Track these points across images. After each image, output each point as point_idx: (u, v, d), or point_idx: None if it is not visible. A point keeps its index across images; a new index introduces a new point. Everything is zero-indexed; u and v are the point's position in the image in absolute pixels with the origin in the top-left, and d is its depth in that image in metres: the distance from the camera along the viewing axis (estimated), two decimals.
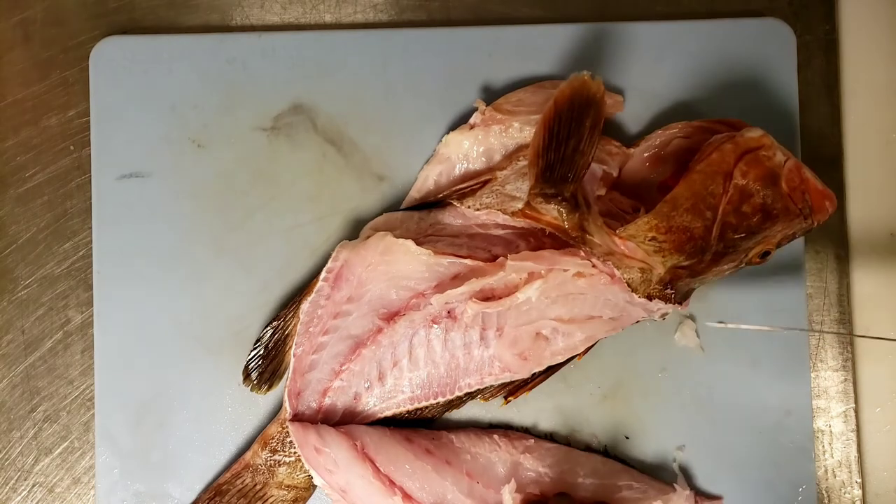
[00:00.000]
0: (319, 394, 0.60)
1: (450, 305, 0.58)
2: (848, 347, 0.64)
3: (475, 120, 0.61)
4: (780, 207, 0.52)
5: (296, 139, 0.64)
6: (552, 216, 0.53)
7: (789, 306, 0.62)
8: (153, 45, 0.64)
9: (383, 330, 0.59)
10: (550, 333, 0.58)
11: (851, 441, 0.64)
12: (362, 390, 0.60)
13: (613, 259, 0.55)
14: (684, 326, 0.62)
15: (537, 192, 0.53)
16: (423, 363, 0.59)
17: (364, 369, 0.60)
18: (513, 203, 0.59)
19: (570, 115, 0.52)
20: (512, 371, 0.59)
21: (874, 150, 0.65)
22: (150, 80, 0.64)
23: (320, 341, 0.60)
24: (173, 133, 0.64)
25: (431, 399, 0.60)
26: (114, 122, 0.64)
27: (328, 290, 0.59)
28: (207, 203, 0.64)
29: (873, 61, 0.65)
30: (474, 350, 0.59)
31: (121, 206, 0.63)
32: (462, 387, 0.59)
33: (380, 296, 0.59)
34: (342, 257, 0.59)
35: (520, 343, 0.58)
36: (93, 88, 0.64)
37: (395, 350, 0.59)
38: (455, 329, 0.58)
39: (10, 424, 0.65)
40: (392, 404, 0.60)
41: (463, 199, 0.60)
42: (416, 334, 0.59)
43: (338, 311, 0.59)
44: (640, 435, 0.62)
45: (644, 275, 0.55)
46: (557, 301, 0.57)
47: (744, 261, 0.55)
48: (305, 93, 0.64)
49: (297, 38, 0.64)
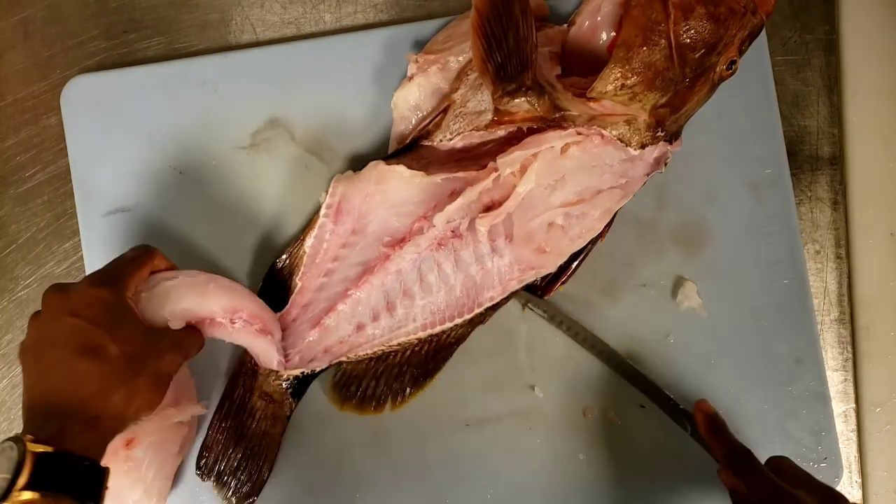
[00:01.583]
0: (321, 312, 0.59)
1: (453, 224, 0.57)
2: (848, 347, 0.64)
3: (412, 71, 0.61)
4: (725, 10, 0.52)
5: (276, 153, 0.64)
6: (524, 110, 0.54)
7: (785, 256, 0.62)
8: (122, 79, 0.64)
9: (390, 257, 0.58)
10: (564, 220, 0.58)
11: (851, 441, 0.64)
12: (367, 321, 0.59)
13: (597, 123, 0.55)
14: (685, 288, 0.62)
15: (500, 93, 0.54)
16: (435, 288, 0.59)
17: (370, 298, 0.59)
18: (481, 118, 0.58)
19: (497, 11, 0.52)
20: (535, 268, 0.59)
21: (874, 150, 0.65)
22: (123, 113, 0.64)
23: (328, 267, 0.59)
24: (153, 163, 0.64)
25: (448, 322, 0.59)
26: (93, 160, 0.64)
27: (331, 226, 0.59)
28: (196, 228, 0.63)
29: (873, 61, 0.65)
30: (488, 263, 0.58)
31: (110, 241, 0.63)
32: (483, 302, 0.59)
33: (382, 225, 0.59)
34: (339, 192, 0.59)
35: (535, 238, 0.57)
36: (67, 130, 0.64)
37: (404, 279, 0.59)
38: (463, 248, 0.58)
39: (10, 424, 0.65)
40: (401, 333, 0.59)
41: (432, 136, 0.60)
42: (425, 261, 0.59)
43: (344, 242, 0.59)
44: (654, 402, 0.62)
45: (631, 126, 0.55)
46: (558, 186, 0.57)
47: (715, 78, 0.55)
48: (279, 106, 0.64)
49: (264, 54, 0.65)
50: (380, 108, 0.63)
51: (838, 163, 0.65)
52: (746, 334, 0.62)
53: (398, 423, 0.62)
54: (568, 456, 0.62)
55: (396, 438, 0.62)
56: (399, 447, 0.62)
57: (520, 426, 0.62)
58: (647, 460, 0.61)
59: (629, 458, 0.61)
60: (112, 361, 0.47)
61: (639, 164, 0.57)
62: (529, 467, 0.62)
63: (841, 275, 0.65)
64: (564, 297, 0.62)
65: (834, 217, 0.65)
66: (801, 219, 0.64)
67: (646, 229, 0.63)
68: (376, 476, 0.62)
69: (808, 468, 0.60)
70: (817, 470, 0.61)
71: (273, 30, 0.67)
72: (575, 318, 0.62)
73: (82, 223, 0.64)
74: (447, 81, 0.60)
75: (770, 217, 0.63)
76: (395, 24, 0.66)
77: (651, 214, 0.63)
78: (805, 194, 0.65)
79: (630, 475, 0.61)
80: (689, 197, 0.63)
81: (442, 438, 0.62)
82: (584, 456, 0.61)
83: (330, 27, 0.67)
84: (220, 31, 0.67)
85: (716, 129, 0.63)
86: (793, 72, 0.66)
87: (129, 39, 0.67)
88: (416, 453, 0.62)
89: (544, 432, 0.62)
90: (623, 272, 0.63)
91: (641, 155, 0.56)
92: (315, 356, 0.60)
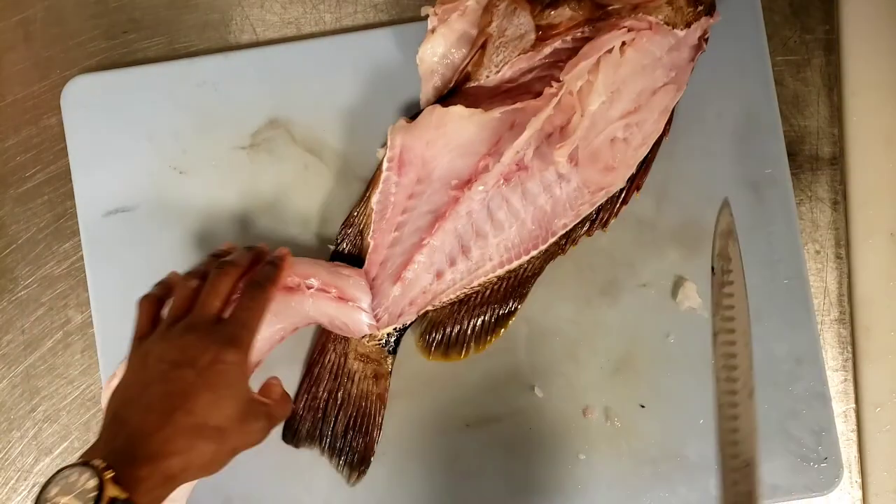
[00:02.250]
0: (400, 266, 0.59)
1: (518, 156, 0.57)
2: (848, 347, 0.64)
3: (432, 23, 0.60)
4: None
5: (276, 153, 0.64)
6: (567, 18, 0.54)
7: (785, 256, 0.62)
8: (122, 79, 0.65)
9: (459, 199, 0.58)
10: (624, 132, 0.57)
11: (851, 441, 0.64)
12: (445, 268, 0.59)
13: (642, 10, 0.55)
14: (685, 288, 0.62)
15: (539, 8, 0.54)
16: (507, 224, 0.59)
17: (445, 244, 0.59)
18: (524, 40, 0.58)
19: None
20: (606, 187, 0.59)
21: (874, 150, 0.65)
22: (123, 113, 0.64)
23: (399, 220, 0.59)
24: (153, 163, 0.64)
25: (524, 255, 0.59)
26: (93, 160, 0.64)
27: (395, 178, 0.59)
28: (197, 228, 0.63)
29: (873, 61, 0.65)
30: (556, 190, 0.58)
31: (110, 242, 0.63)
32: (556, 230, 0.59)
33: (448, 168, 0.58)
34: (398, 143, 0.59)
35: (601, 157, 0.57)
36: (68, 130, 0.64)
37: (475, 220, 0.59)
38: (529, 179, 0.58)
39: (10, 424, 0.65)
40: (480, 274, 0.59)
41: (476, 76, 0.59)
42: (493, 199, 0.58)
43: (410, 193, 0.59)
44: (655, 402, 0.62)
45: (673, 5, 0.56)
46: (615, 99, 0.56)
47: None
48: (280, 106, 0.64)
49: (264, 54, 0.65)
50: (380, 108, 0.63)
51: (838, 163, 0.65)
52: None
53: (398, 423, 0.62)
54: (568, 456, 0.62)
55: (396, 438, 0.62)
56: (399, 447, 0.62)
57: (520, 426, 0.62)
58: (647, 460, 0.61)
59: (629, 458, 0.61)
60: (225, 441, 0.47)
61: (684, 48, 0.58)
62: (529, 467, 0.62)
63: (841, 275, 0.65)
64: (565, 296, 0.62)
65: (834, 217, 0.65)
66: (801, 219, 0.64)
67: (646, 229, 0.63)
68: (376, 476, 0.61)
69: (808, 468, 0.61)
70: (817, 470, 0.61)
71: (273, 30, 0.67)
72: (576, 320, 0.62)
73: (82, 223, 0.64)
74: (472, 25, 0.59)
75: (770, 217, 0.62)
76: (395, 24, 0.66)
77: (651, 214, 0.63)
78: (805, 194, 0.65)
79: (630, 475, 0.61)
80: (689, 197, 0.63)
81: (442, 438, 0.62)
82: (584, 456, 0.61)
83: (330, 27, 0.67)
84: (220, 31, 0.67)
85: (716, 129, 0.63)
86: (793, 72, 0.66)
87: (129, 39, 0.67)
88: (416, 453, 0.62)
89: (544, 432, 0.62)
90: (623, 272, 0.63)
91: (686, 37, 0.57)
92: (402, 310, 0.60)
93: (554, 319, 0.62)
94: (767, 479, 0.60)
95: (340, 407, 0.61)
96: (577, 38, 0.57)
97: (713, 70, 0.62)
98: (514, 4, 0.56)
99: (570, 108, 0.56)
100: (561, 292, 0.62)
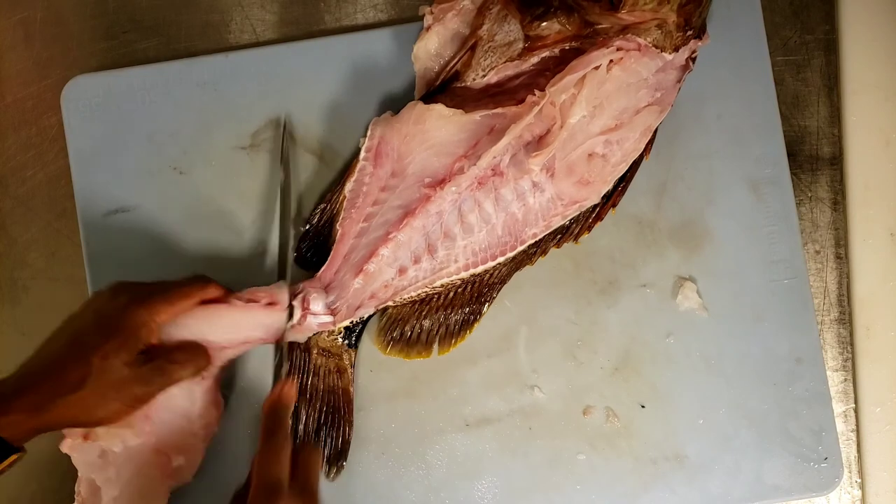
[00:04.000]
0: (364, 258, 0.59)
1: (495, 161, 0.57)
2: (848, 347, 0.65)
3: (428, 22, 0.60)
4: None
5: (276, 153, 0.64)
6: (555, 31, 0.54)
7: (785, 256, 0.62)
8: (122, 79, 0.64)
9: (431, 198, 0.58)
10: (604, 148, 0.57)
11: (851, 441, 0.64)
12: (409, 264, 0.59)
13: (631, 32, 0.55)
14: (685, 288, 0.62)
15: (529, 19, 0.54)
16: (476, 228, 0.59)
17: (412, 240, 0.59)
18: (512, 48, 0.58)
19: None
20: (579, 201, 0.58)
21: (874, 150, 0.65)
22: (123, 114, 0.64)
23: (368, 212, 0.59)
24: (153, 163, 0.64)
25: (491, 261, 0.59)
26: (93, 161, 0.64)
27: (370, 168, 0.59)
28: (197, 228, 0.64)
29: (873, 61, 0.65)
30: (529, 199, 0.58)
31: (110, 242, 0.63)
32: (525, 239, 0.59)
33: (422, 166, 0.58)
34: (377, 134, 0.59)
35: (576, 170, 0.57)
36: (67, 130, 0.64)
37: (445, 220, 0.59)
38: (503, 185, 0.58)
39: None
40: (444, 275, 0.59)
41: (464, 77, 0.60)
42: (465, 201, 0.58)
43: (384, 185, 0.59)
44: (656, 402, 0.62)
45: (662, 29, 0.56)
46: (596, 114, 0.56)
47: None
48: (280, 106, 0.64)
49: (264, 54, 0.65)
50: (380, 108, 0.63)
51: (838, 163, 0.65)
52: (747, 334, 0.62)
53: (398, 423, 0.62)
54: (568, 456, 0.62)
55: (396, 438, 0.62)
56: (399, 447, 0.62)
57: (520, 426, 0.62)
58: (647, 460, 0.61)
59: (629, 458, 0.61)
60: (89, 365, 0.50)
61: (670, 70, 0.57)
62: (529, 467, 0.62)
63: (841, 275, 0.65)
64: (565, 296, 0.62)
65: (834, 217, 0.65)
66: (801, 219, 0.64)
67: (646, 229, 0.63)
68: (376, 476, 0.62)
69: (808, 468, 0.61)
70: (817, 470, 0.61)
71: (273, 30, 0.67)
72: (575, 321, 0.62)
73: (82, 223, 0.64)
74: (466, 25, 0.60)
75: (770, 217, 0.63)
76: (395, 24, 0.66)
77: (651, 214, 0.63)
78: (805, 194, 0.65)
79: (630, 475, 0.61)
80: (689, 197, 0.63)
81: (442, 438, 0.62)
82: (584, 456, 0.61)
83: (330, 27, 0.67)
84: (220, 31, 0.67)
85: (716, 129, 0.63)
86: (793, 72, 0.66)
87: (129, 39, 0.67)
88: (416, 453, 0.62)
89: (544, 432, 0.62)
90: (623, 272, 0.63)
91: (674, 59, 0.57)
92: (361, 303, 0.59)
93: (554, 319, 0.62)
94: (767, 479, 0.60)
95: (311, 403, 0.61)
96: (564, 50, 0.57)
97: (713, 70, 0.63)
98: (506, 11, 0.56)
99: (551, 119, 0.56)
100: (561, 292, 0.63)
